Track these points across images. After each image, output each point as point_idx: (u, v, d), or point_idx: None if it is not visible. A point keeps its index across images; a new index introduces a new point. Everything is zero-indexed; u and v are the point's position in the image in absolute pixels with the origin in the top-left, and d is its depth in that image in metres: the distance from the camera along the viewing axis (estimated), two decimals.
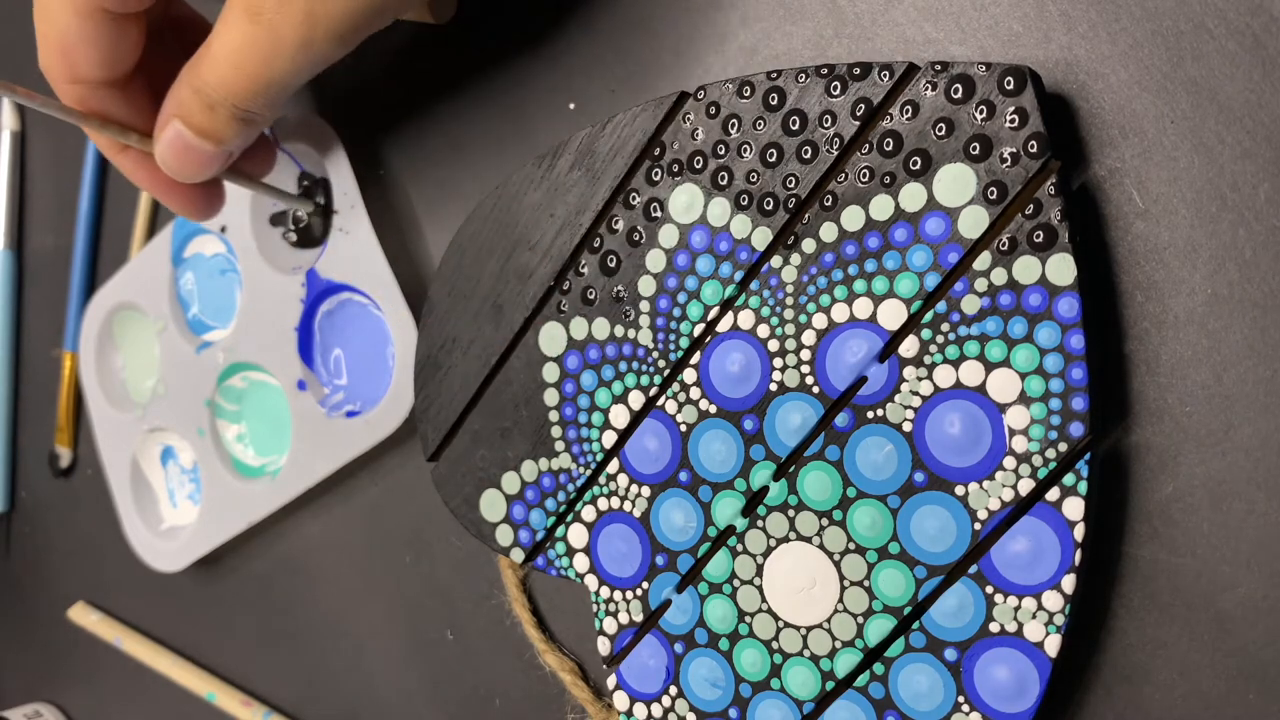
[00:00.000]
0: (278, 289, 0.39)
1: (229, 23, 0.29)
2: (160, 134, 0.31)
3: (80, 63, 0.31)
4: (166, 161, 0.32)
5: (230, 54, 0.29)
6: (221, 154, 0.32)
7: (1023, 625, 0.24)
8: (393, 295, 0.35)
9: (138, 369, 0.47)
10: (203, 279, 0.43)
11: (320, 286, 0.38)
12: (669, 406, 0.29)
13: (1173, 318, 0.24)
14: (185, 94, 0.30)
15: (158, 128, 0.31)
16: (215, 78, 0.30)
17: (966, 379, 0.25)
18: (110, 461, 0.46)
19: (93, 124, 0.32)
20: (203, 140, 0.31)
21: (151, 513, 0.46)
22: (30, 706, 0.53)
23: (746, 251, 0.27)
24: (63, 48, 0.30)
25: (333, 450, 0.37)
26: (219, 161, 0.32)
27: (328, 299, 0.38)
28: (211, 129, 0.31)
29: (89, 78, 0.31)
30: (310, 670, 0.42)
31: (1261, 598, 0.23)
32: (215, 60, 0.30)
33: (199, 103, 0.30)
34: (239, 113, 0.30)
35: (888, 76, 0.25)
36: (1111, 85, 0.24)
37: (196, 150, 0.31)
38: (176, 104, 0.31)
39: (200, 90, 0.30)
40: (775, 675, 0.28)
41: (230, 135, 0.31)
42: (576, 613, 0.34)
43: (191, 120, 0.31)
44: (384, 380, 0.38)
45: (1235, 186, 0.23)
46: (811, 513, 0.27)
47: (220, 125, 0.31)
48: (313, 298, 0.38)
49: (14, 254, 0.53)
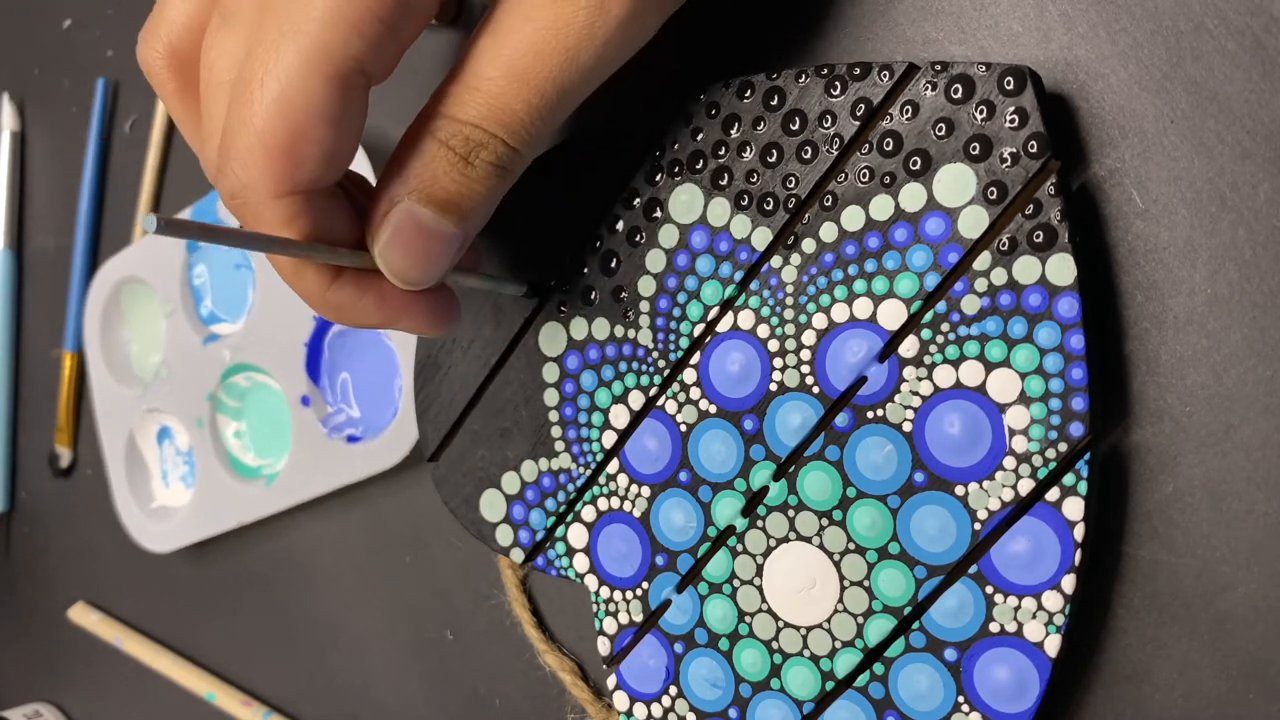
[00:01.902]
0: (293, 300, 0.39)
1: (521, 9, 0.22)
2: (380, 227, 0.23)
3: (310, 158, 0.22)
4: (391, 261, 0.23)
5: (517, 56, 0.22)
6: (460, 237, 0.24)
7: (1023, 625, 0.24)
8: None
9: (144, 344, 0.47)
10: (216, 271, 0.43)
11: None
12: (669, 406, 0.29)
13: (1173, 318, 0.24)
14: (429, 150, 0.23)
15: (376, 219, 0.23)
16: (484, 103, 0.23)
17: (966, 379, 0.25)
18: (107, 433, 0.46)
19: (307, 250, 0.23)
20: (444, 218, 0.23)
21: (143, 489, 0.46)
22: (30, 706, 0.53)
23: (746, 251, 0.27)
24: (292, 138, 0.22)
25: (328, 471, 0.38)
26: (456, 248, 0.24)
27: None
28: (460, 194, 0.23)
29: (312, 181, 0.22)
30: (310, 670, 0.42)
31: (1261, 598, 0.23)
32: (483, 77, 0.23)
33: (447, 158, 0.23)
34: (505, 157, 0.23)
35: (887, 76, 0.25)
36: (1111, 85, 0.24)
37: (434, 236, 0.23)
38: (409, 175, 0.23)
39: (455, 135, 0.23)
40: (775, 675, 0.28)
41: (481, 200, 0.24)
42: (576, 613, 0.34)
43: (435, 188, 0.23)
44: (387, 411, 0.37)
45: (1235, 186, 0.23)
46: (811, 513, 0.27)
47: (474, 185, 0.23)
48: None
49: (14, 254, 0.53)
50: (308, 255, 0.23)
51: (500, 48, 0.23)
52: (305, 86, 0.21)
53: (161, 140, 0.46)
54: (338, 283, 0.24)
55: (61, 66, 0.51)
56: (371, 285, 0.25)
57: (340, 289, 0.24)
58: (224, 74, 0.23)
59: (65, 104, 0.51)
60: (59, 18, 0.51)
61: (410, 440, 0.35)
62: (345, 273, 0.24)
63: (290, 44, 0.21)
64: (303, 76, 0.21)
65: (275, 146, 0.22)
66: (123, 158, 0.48)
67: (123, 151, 0.48)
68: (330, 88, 0.22)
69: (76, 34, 0.50)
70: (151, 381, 0.44)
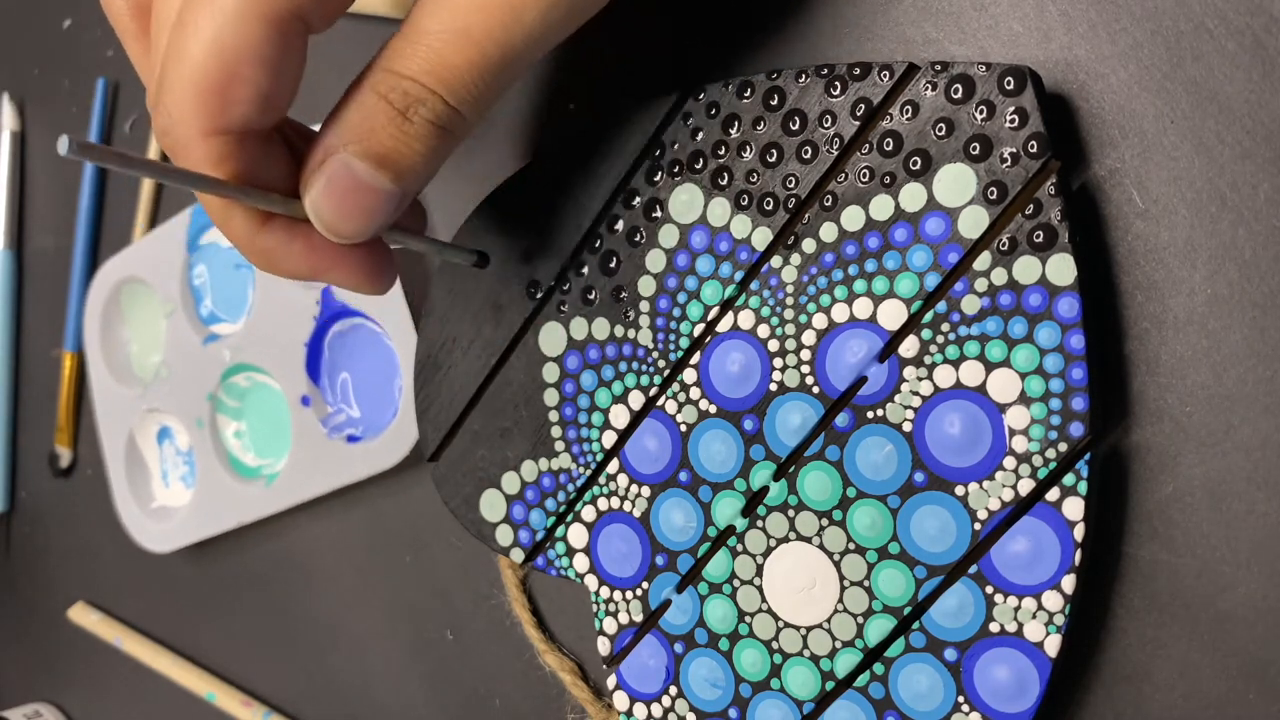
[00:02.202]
0: (292, 299, 0.39)
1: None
2: (314, 176, 0.23)
3: (241, 100, 0.22)
4: (322, 211, 0.23)
5: (460, 11, 0.22)
6: (397, 195, 0.24)
7: (1023, 625, 0.24)
8: (405, 328, 0.35)
9: (144, 344, 0.47)
10: (216, 271, 0.43)
11: (334, 307, 0.38)
12: (669, 406, 0.29)
13: (1173, 318, 0.24)
14: (368, 102, 0.23)
15: (310, 169, 0.23)
16: (424, 57, 0.22)
17: (966, 379, 0.25)
18: (107, 433, 0.46)
19: (235, 192, 0.23)
20: (379, 173, 0.23)
21: (143, 489, 0.46)
22: (30, 706, 0.53)
23: (746, 251, 0.27)
24: (223, 77, 0.22)
25: (329, 471, 0.38)
26: (392, 206, 0.24)
27: (341, 320, 0.38)
28: (397, 151, 0.23)
29: (243, 122, 0.22)
30: (310, 670, 0.42)
31: (1261, 598, 0.23)
32: (425, 31, 0.22)
33: (386, 111, 0.23)
34: (445, 116, 0.23)
35: (887, 76, 0.25)
36: (1111, 85, 0.24)
37: (368, 190, 0.23)
38: (346, 127, 0.23)
39: (394, 89, 0.22)
40: (775, 675, 0.28)
41: (419, 159, 0.23)
42: (576, 613, 0.34)
43: (372, 141, 0.23)
44: (387, 411, 0.37)
45: (1235, 186, 0.23)
46: (811, 513, 0.27)
47: (411, 143, 0.23)
48: (326, 316, 0.38)
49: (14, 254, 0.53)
50: (235, 197, 0.23)
51: (444, 2, 0.22)
52: (240, 29, 0.21)
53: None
54: (266, 228, 0.24)
55: (61, 66, 0.51)
56: (300, 233, 0.24)
57: (268, 235, 0.24)
58: (171, 13, 0.23)
59: (65, 104, 0.51)
60: (59, 18, 0.51)
61: (410, 440, 0.35)
62: (275, 219, 0.24)
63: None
64: (239, 18, 0.21)
65: (206, 85, 0.22)
66: None
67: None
68: (266, 30, 0.22)
69: (76, 34, 0.50)
70: (151, 381, 0.44)
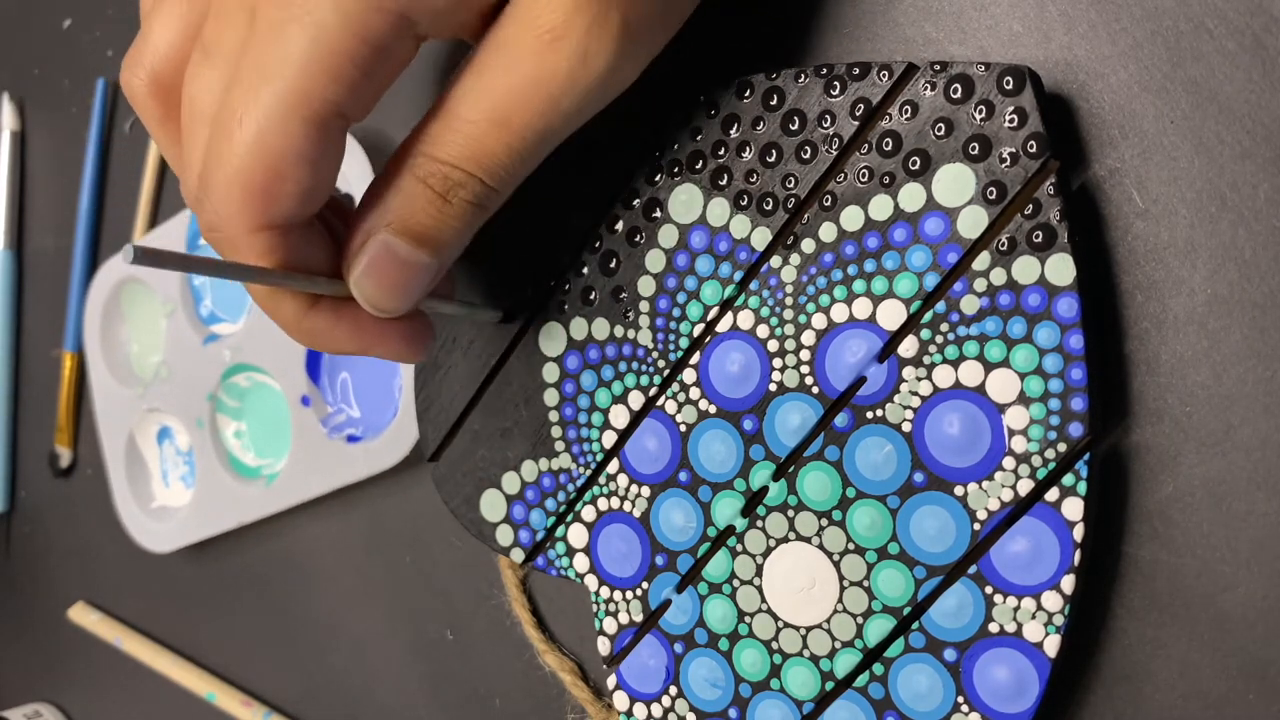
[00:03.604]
0: None
1: (506, 56, 0.23)
2: (357, 257, 0.24)
3: (286, 196, 0.22)
4: (366, 290, 0.24)
5: (499, 102, 0.23)
6: (434, 268, 0.24)
7: (1022, 625, 0.24)
8: None
9: (144, 344, 0.47)
10: None
11: None
12: (669, 406, 0.29)
13: (1173, 318, 0.24)
14: (407, 186, 0.23)
15: (352, 250, 0.24)
16: (464, 144, 0.23)
17: (966, 379, 0.25)
18: (107, 433, 0.47)
19: (285, 279, 0.23)
20: (418, 251, 0.24)
21: (143, 490, 0.46)
22: (30, 706, 0.53)
23: (746, 251, 0.27)
24: (268, 178, 0.22)
25: (329, 471, 0.38)
26: (429, 278, 0.24)
27: None
28: (436, 229, 0.24)
29: (288, 217, 0.23)
30: (310, 670, 0.42)
31: (1261, 598, 0.23)
32: (464, 119, 0.23)
33: (425, 195, 0.23)
34: (482, 195, 0.24)
35: (886, 76, 0.25)
36: (1111, 85, 0.24)
37: (409, 266, 0.24)
38: (385, 210, 0.23)
39: (434, 174, 0.23)
40: (775, 675, 0.28)
41: (456, 235, 0.24)
42: (576, 613, 0.34)
43: (412, 222, 0.23)
44: (387, 411, 0.37)
45: (1235, 186, 0.23)
46: (811, 513, 0.27)
47: (450, 220, 0.24)
48: None
49: (14, 254, 0.53)
50: (284, 284, 0.24)
51: (483, 91, 0.23)
52: (283, 129, 0.22)
53: None
54: (314, 310, 0.25)
55: (61, 66, 0.51)
56: (346, 313, 0.25)
57: (316, 316, 0.25)
58: (205, 107, 0.23)
59: (65, 104, 0.51)
60: (59, 18, 0.51)
61: (410, 440, 0.35)
62: (321, 300, 0.25)
63: (269, 88, 0.22)
64: (282, 119, 0.22)
65: (253, 186, 0.22)
66: (123, 158, 0.48)
67: (123, 151, 0.49)
68: (308, 129, 0.22)
69: (76, 34, 0.50)
70: (151, 381, 0.44)
